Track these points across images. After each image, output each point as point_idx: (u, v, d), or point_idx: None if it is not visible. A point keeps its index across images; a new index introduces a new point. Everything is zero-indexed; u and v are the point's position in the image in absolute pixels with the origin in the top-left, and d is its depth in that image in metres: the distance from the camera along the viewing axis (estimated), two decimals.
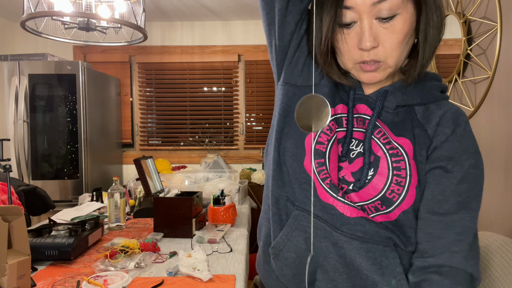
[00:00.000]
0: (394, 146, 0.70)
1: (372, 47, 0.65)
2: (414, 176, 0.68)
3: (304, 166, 0.72)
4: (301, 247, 0.73)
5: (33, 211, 2.14)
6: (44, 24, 2.03)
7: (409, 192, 0.68)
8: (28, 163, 2.87)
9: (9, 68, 2.83)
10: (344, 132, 0.72)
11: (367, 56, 0.66)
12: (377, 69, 0.68)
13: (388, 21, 0.64)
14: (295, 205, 0.74)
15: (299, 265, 0.73)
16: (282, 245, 0.75)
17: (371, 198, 0.69)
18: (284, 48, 0.76)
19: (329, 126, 0.72)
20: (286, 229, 0.74)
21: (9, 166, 1.41)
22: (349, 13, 0.65)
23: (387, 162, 0.69)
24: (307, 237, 0.72)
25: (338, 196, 0.70)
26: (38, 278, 1.18)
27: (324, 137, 0.72)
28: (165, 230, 1.62)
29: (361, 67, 0.68)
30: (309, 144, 0.72)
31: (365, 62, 0.67)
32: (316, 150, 0.71)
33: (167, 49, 3.56)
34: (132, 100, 3.64)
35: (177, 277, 1.18)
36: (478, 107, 1.67)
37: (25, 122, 2.85)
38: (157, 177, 2.07)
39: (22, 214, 0.98)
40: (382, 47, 0.66)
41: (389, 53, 0.66)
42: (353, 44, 0.67)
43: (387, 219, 0.69)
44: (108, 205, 1.75)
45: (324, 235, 0.71)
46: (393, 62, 0.67)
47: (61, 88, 2.87)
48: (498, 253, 0.97)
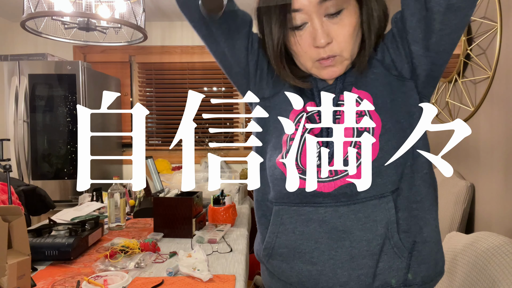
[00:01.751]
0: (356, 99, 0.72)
1: (327, 44, 0.67)
2: (369, 101, 0.71)
3: (276, 163, 0.74)
4: (291, 239, 0.74)
5: (33, 211, 2.14)
6: (44, 24, 2.03)
7: (372, 115, 0.70)
8: (28, 163, 2.87)
9: (9, 68, 2.83)
10: (319, 128, 0.73)
11: (323, 53, 0.69)
12: (335, 63, 0.70)
13: (336, 16, 0.67)
14: (273, 202, 0.76)
15: (294, 257, 0.74)
16: (272, 244, 0.76)
17: (351, 138, 0.68)
18: (245, 73, 0.81)
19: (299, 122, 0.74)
20: (272, 227, 0.76)
21: (9, 166, 1.41)
22: (298, 15, 0.68)
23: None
24: (293, 227, 0.73)
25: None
26: (38, 278, 1.18)
27: (295, 133, 0.73)
28: (165, 230, 1.61)
29: (320, 64, 0.70)
30: (285, 142, 0.74)
31: (322, 58, 0.70)
32: (289, 146, 0.73)
33: (167, 49, 3.56)
34: (132, 100, 3.64)
35: (177, 277, 1.18)
36: (478, 107, 1.67)
37: (25, 122, 2.85)
38: (157, 177, 2.07)
39: (22, 214, 0.98)
40: (336, 42, 0.68)
41: (343, 46, 0.69)
42: (308, 44, 0.69)
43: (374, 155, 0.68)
44: (108, 205, 1.75)
45: (309, 218, 0.72)
46: (348, 54, 0.70)
47: (61, 88, 2.87)
48: (498, 253, 0.97)
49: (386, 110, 0.71)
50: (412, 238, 0.71)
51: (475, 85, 1.70)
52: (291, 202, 0.73)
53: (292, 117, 0.76)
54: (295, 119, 0.75)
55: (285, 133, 0.74)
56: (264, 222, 0.79)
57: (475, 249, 1.05)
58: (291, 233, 0.74)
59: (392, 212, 0.69)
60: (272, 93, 0.80)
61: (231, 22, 0.77)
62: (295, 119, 0.75)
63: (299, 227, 0.73)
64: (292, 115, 0.76)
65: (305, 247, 0.73)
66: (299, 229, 0.73)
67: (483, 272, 0.98)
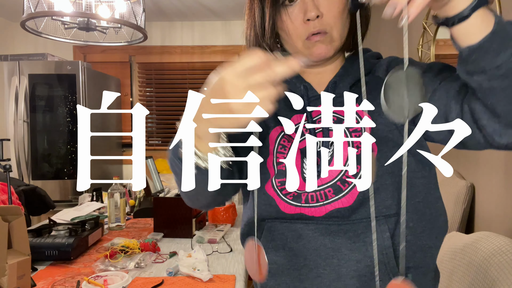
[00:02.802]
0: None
1: (316, 16, 0.67)
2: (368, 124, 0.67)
3: (265, 189, 0.72)
4: (280, 255, 0.73)
5: (33, 211, 2.14)
6: (44, 24, 2.03)
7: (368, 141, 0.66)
8: (28, 163, 2.87)
9: (9, 68, 2.83)
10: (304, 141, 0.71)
11: (313, 27, 0.68)
12: (324, 40, 0.70)
13: None
14: (265, 220, 0.74)
15: (282, 274, 0.73)
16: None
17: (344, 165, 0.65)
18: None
19: (281, 144, 0.73)
20: (262, 243, 0.74)
21: (9, 166, 1.41)
22: None
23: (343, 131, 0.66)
24: (283, 244, 0.72)
25: (302, 204, 0.69)
26: (38, 278, 1.18)
27: (281, 157, 0.72)
28: (165, 230, 1.61)
29: (309, 41, 0.70)
30: (271, 166, 0.73)
31: (312, 33, 0.69)
32: (278, 171, 0.72)
33: (167, 49, 3.56)
34: (132, 100, 3.64)
35: (177, 277, 1.18)
36: None
37: (25, 122, 2.85)
38: (157, 177, 2.07)
39: (22, 214, 0.98)
40: (326, 17, 0.68)
41: (333, 22, 0.69)
42: (299, 19, 0.69)
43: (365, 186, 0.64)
44: (108, 205, 1.75)
45: (298, 234, 0.71)
46: (337, 33, 0.70)
47: (61, 88, 2.87)
48: (498, 253, 0.97)
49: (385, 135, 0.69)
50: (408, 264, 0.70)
51: None
52: (283, 218, 0.72)
53: (271, 141, 0.74)
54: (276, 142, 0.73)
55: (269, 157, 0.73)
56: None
57: (475, 249, 1.05)
58: (281, 249, 0.73)
59: (386, 235, 0.67)
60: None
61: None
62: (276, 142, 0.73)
63: (289, 244, 0.72)
64: (271, 139, 0.74)
65: (294, 263, 0.72)
66: (289, 246, 0.72)
67: (483, 272, 0.98)
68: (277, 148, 0.73)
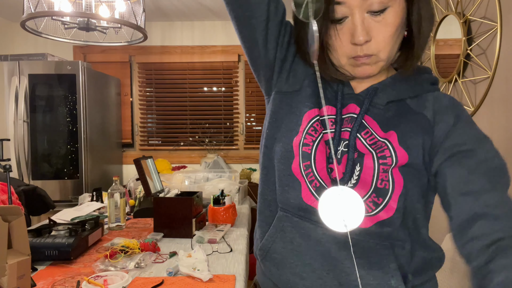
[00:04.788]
0: (380, 142, 0.69)
1: (365, 41, 0.65)
2: (401, 161, 0.67)
3: (291, 169, 0.72)
4: (287, 247, 0.73)
5: (33, 211, 2.14)
6: (44, 24, 2.03)
7: (395, 175, 0.67)
8: (28, 163, 2.87)
9: (9, 68, 2.83)
10: (331, 134, 0.72)
11: (360, 51, 0.66)
12: (371, 62, 0.68)
13: (379, 14, 0.64)
14: (279, 206, 0.75)
15: (285, 266, 0.74)
16: (268, 247, 0.76)
17: (366, 193, 0.68)
18: (270, 65, 0.78)
19: (313, 127, 0.72)
20: (271, 231, 0.76)
21: (9, 166, 1.41)
22: (340, 8, 0.65)
23: (372, 156, 0.68)
24: (292, 237, 0.73)
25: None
26: (38, 278, 1.18)
27: (309, 139, 0.72)
28: (165, 230, 1.62)
29: (355, 61, 0.68)
30: (296, 146, 0.72)
31: (358, 56, 0.67)
32: (303, 152, 0.71)
33: (167, 49, 3.56)
34: (132, 100, 3.64)
35: (177, 277, 1.18)
36: (478, 107, 1.67)
37: (25, 122, 2.85)
38: (157, 177, 2.07)
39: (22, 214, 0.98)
40: (374, 41, 0.66)
41: (382, 46, 0.66)
42: (346, 39, 0.67)
43: (387, 215, 0.67)
44: (108, 205, 1.75)
45: (308, 234, 0.71)
46: (385, 55, 0.67)
47: (61, 88, 2.87)
48: None
49: (411, 175, 0.68)
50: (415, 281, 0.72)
51: (475, 85, 1.70)
52: (295, 213, 0.72)
53: (305, 120, 0.73)
54: (309, 123, 0.72)
55: (296, 137, 0.72)
56: (264, 221, 0.79)
57: None
58: (289, 242, 0.73)
59: (391, 258, 0.68)
60: (290, 89, 0.77)
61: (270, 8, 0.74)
62: (309, 122, 0.72)
63: (298, 239, 0.72)
64: (306, 117, 0.73)
65: (298, 259, 0.72)
66: (298, 241, 0.72)
67: None
68: (308, 129, 0.72)
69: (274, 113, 0.77)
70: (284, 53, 0.77)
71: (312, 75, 0.77)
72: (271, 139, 0.76)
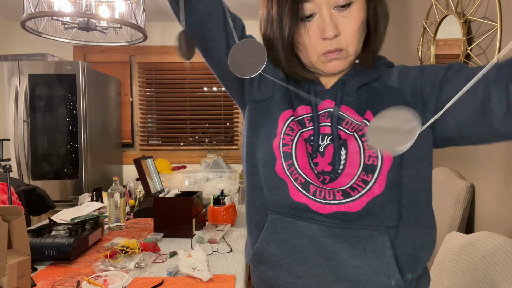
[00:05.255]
0: (359, 124, 0.72)
1: (334, 36, 0.67)
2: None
3: (276, 171, 0.73)
4: (282, 248, 0.74)
5: (33, 211, 2.14)
6: (44, 24, 2.03)
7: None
8: (28, 163, 2.87)
9: (9, 68, 2.83)
10: (310, 131, 0.74)
11: (330, 45, 0.69)
12: (341, 56, 0.70)
13: (346, 9, 0.68)
14: (269, 209, 0.75)
15: (281, 267, 0.74)
16: (262, 250, 0.76)
17: (356, 173, 0.69)
18: (239, 79, 0.80)
19: (290, 127, 0.74)
20: (264, 234, 0.76)
21: (9, 166, 1.41)
22: (308, 6, 0.68)
23: (355, 137, 0.71)
24: (286, 238, 0.73)
25: (309, 195, 0.71)
26: (38, 278, 1.18)
27: (287, 139, 0.74)
28: (165, 230, 1.62)
29: (326, 57, 0.71)
30: (277, 148, 0.74)
31: (329, 51, 0.70)
32: (283, 152, 0.73)
33: (167, 49, 3.56)
34: (132, 100, 3.64)
35: (177, 277, 1.18)
36: None
37: (25, 122, 2.85)
38: (157, 177, 2.07)
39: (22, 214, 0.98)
40: (343, 35, 0.69)
41: (350, 40, 0.69)
42: (316, 36, 0.69)
43: (379, 191, 0.68)
44: (108, 205, 1.75)
45: (301, 232, 0.72)
46: (353, 49, 0.70)
47: (61, 88, 2.87)
48: (498, 253, 0.97)
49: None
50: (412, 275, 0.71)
51: None
52: (287, 213, 0.73)
53: (281, 122, 0.75)
54: (285, 124, 0.75)
55: (275, 139, 0.74)
56: (255, 226, 0.79)
57: (475, 249, 1.05)
58: (282, 243, 0.74)
59: (386, 245, 0.68)
60: (263, 97, 0.80)
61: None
62: (285, 124, 0.75)
63: (291, 239, 0.73)
64: (281, 119, 0.75)
65: (294, 259, 0.73)
66: (291, 241, 0.73)
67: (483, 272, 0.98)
68: (285, 130, 0.74)
69: (251, 122, 0.79)
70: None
71: (281, 79, 0.79)
72: (252, 147, 0.78)
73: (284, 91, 0.78)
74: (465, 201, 1.64)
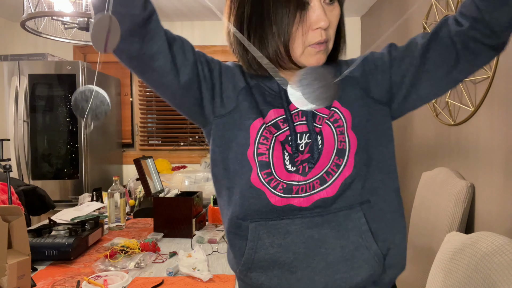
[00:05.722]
0: (330, 114, 0.75)
1: (326, 26, 0.69)
2: (348, 120, 0.75)
3: (251, 181, 0.73)
4: (270, 252, 0.74)
5: (33, 211, 2.14)
6: (44, 24, 2.03)
7: (350, 135, 0.74)
8: (28, 163, 2.87)
9: (9, 68, 2.83)
10: (286, 132, 0.75)
11: (321, 36, 0.69)
12: (324, 50, 0.72)
13: (332, 4, 0.71)
14: (249, 219, 0.75)
15: (273, 268, 0.75)
16: (251, 259, 0.76)
17: (331, 157, 0.73)
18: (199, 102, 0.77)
19: (263, 136, 0.73)
20: (250, 244, 0.75)
21: (9, 166, 1.41)
22: None
23: (328, 124, 0.74)
24: (272, 241, 0.74)
25: (292, 195, 0.72)
26: (38, 278, 1.18)
27: (263, 148, 0.73)
28: (165, 230, 1.62)
29: (313, 48, 0.71)
30: (252, 157, 0.73)
31: (319, 42, 0.70)
32: (259, 162, 0.73)
33: None
34: (132, 100, 3.64)
35: (177, 277, 1.18)
36: (478, 107, 1.67)
37: (25, 122, 2.85)
38: (157, 177, 2.07)
39: (22, 214, 0.98)
40: (330, 28, 0.71)
41: (332, 34, 0.72)
42: (307, 26, 0.69)
43: (348, 173, 0.73)
44: (108, 205, 1.75)
45: (286, 230, 0.73)
46: (331, 45, 0.73)
47: (61, 88, 2.87)
48: (498, 253, 0.97)
49: (362, 129, 0.75)
50: (387, 245, 0.76)
51: (475, 85, 1.70)
52: (268, 218, 0.74)
53: (253, 131, 0.74)
54: (258, 133, 0.74)
55: (249, 149, 0.73)
56: (238, 239, 0.78)
57: (475, 249, 1.05)
58: (269, 247, 0.74)
59: (362, 221, 0.73)
60: (228, 109, 0.77)
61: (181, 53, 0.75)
62: (258, 132, 0.74)
63: (277, 240, 0.73)
64: (252, 129, 0.74)
65: (285, 258, 0.73)
66: (277, 242, 0.73)
67: (483, 272, 0.98)
68: (259, 139, 0.74)
69: (221, 137, 0.77)
70: (210, 82, 0.77)
71: (242, 89, 0.77)
72: (225, 161, 0.76)
73: (249, 100, 0.76)
74: (465, 201, 1.64)
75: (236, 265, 0.80)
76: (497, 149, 1.55)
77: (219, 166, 0.78)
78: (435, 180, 1.89)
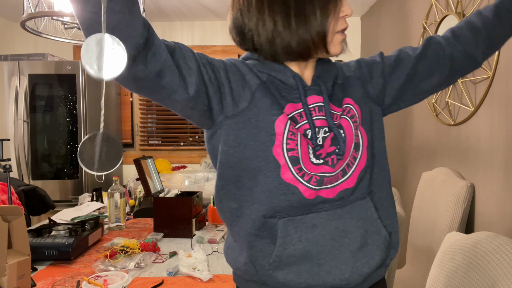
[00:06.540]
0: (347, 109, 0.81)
1: (352, 14, 0.78)
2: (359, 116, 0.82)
3: (282, 178, 0.73)
4: (298, 247, 0.75)
5: (33, 211, 2.14)
6: (44, 24, 2.03)
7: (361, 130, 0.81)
8: (28, 163, 2.87)
9: (9, 68, 2.83)
10: (305, 126, 0.75)
11: (345, 23, 0.78)
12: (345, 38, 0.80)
13: None
14: (277, 216, 0.74)
15: (301, 263, 0.75)
16: (280, 256, 0.75)
17: (350, 150, 0.78)
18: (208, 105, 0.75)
19: (291, 131, 0.73)
20: (280, 240, 0.75)
21: (9, 166, 1.41)
22: None
23: (346, 119, 0.79)
24: (299, 236, 0.75)
25: (322, 186, 0.75)
26: (38, 278, 1.18)
27: (292, 143, 0.73)
28: (165, 230, 1.62)
29: (341, 35, 0.78)
30: (280, 154, 0.72)
31: (345, 28, 0.78)
32: (290, 157, 0.72)
33: None
34: (132, 100, 3.64)
35: (177, 277, 1.18)
36: (478, 107, 1.67)
37: (25, 122, 2.85)
38: (157, 177, 2.07)
39: (22, 214, 0.98)
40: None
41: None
42: (337, 15, 0.76)
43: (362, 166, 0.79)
44: (108, 205, 1.75)
45: (312, 224, 0.75)
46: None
47: (61, 88, 2.88)
48: (498, 253, 0.97)
49: (368, 125, 0.82)
50: (389, 230, 0.83)
51: (475, 85, 1.70)
52: (296, 213, 0.75)
53: (279, 127, 0.73)
54: (285, 128, 0.73)
55: (275, 145, 0.72)
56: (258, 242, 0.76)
57: (475, 249, 1.05)
58: (297, 242, 0.75)
59: (372, 210, 0.80)
60: (240, 108, 0.75)
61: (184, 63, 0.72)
62: (285, 128, 0.73)
63: (304, 235, 0.75)
64: (278, 124, 0.73)
65: (313, 251, 0.75)
66: (305, 237, 0.75)
67: (483, 272, 0.98)
68: (287, 134, 0.73)
69: (236, 137, 0.74)
70: (216, 83, 0.75)
71: (259, 85, 0.76)
72: (245, 160, 0.74)
73: (269, 96, 0.75)
74: (465, 201, 1.64)
75: (258, 268, 0.77)
76: (497, 149, 1.55)
77: (234, 167, 0.75)
78: (435, 180, 1.89)
